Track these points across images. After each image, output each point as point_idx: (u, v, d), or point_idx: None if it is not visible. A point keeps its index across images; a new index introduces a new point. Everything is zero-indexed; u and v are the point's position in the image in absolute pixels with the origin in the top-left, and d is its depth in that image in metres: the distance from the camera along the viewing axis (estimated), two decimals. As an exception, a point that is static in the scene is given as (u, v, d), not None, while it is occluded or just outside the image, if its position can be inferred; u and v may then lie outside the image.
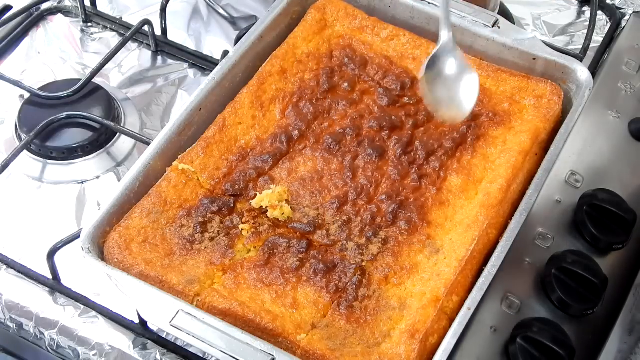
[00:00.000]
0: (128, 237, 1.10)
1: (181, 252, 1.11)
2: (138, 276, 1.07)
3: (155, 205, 1.13)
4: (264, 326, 1.03)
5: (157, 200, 1.14)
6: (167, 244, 1.11)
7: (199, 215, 1.13)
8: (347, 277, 1.09)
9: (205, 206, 1.14)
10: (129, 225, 1.11)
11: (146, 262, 1.08)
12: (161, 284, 1.06)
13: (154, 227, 1.12)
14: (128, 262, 1.08)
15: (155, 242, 1.11)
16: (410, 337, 1.02)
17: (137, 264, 1.08)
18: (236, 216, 1.14)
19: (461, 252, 1.09)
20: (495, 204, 1.13)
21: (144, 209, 1.13)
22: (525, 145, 1.19)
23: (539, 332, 1.11)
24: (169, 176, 1.16)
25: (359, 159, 1.20)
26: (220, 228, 1.13)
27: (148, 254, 1.10)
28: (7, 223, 1.32)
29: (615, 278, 1.20)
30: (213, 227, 1.13)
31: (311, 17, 1.35)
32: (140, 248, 1.10)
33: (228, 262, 1.10)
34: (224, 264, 1.10)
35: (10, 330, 1.22)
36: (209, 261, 1.10)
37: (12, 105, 1.46)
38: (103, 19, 1.61)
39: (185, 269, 1.09)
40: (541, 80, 1.27)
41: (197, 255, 1.11)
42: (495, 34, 1.31)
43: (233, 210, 1.15)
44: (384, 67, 1.31)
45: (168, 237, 1.12)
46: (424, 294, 1.07)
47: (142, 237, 1.11)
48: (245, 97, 1.25)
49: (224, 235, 1.12)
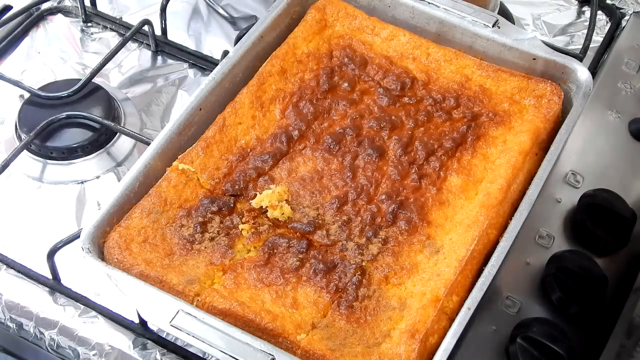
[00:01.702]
0: (128, 237, 1.10)
1: (181, 252, 1.11)
2: (138, 276, 1.07)
3: (155, 205, 1.13)
4: (264, 326, 1.03)
5: (157, 200, 1.14)
6: (167, 244, 1.11)
7: (199, 215, 1.13)
8: (347, 277, 1.09)
9: (205, 206, 1.14)
10: (129, 225, 1.11)
11: (146, 262, 1.08)
12: (161, 284, 1.06)
13: (154, 227, 1.12)
14: (128, 262, 1.08)
15: (155, 242, 1.11)
16: (411, 337, 1.02)
17: (137, 264, 1.08)
18: (236, 216, 1.14)
19: (461, 252, 1.09)
20: (495, 204, 1.13)
21: (144, 209, 1.13)
22: (525, 145, 1.19)
23: (539, 332, 1.11)
24: (169, 176, 1.16)
25: (359, 159, 1.20)
26: (220, 228, 1.13)
27: (148, 254, 1.10)
28: (7, 223, 1.32)
29: (615, 278, 1.20)
30: (213, 227, 1.13)
31: (311, 17, 1.35)
32: (141, 248, 1.10)
33: (228, 262, 1.10)
34: (224, 264, 1.10)
35: (10, 330, 1.22)
36: (209, 261, 1.10)
37: (12, 105, 1.46)
38: (103, 19, 1.61)
39: (185, 269, 1.09)
40: (541, 80, 1.27)
41: (197, 255, 1.11)
42: (495, 34, 1.31)
43: (233, 210, 1.15)
44: (384, 67, 1.31)
45: (168, 237, 1.12)
46: (424, 294, 1.07)
47: (142, 237, 1.11)
48: (245, 97, 1.25)
49: (224, 235, 1.12)
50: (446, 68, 1.31)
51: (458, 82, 1.29)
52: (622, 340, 1.13)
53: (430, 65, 1.32)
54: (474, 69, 1.30)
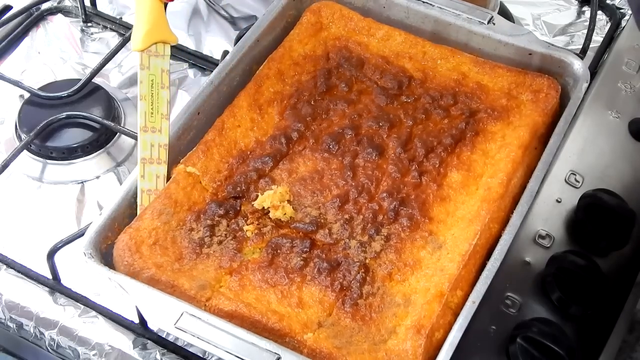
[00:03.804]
0: (138, 239, 1.10)
1: (191, 256, 1.10)
2: (148, 280, 1.06)
3: (166, 206, 1.13)
4: (270, 327, 1.03)
5: (167, 201, 1.13)
6: (177, 247, 1.11)
7: (207, 218, 1.13)
8: (351, 275, 1.09)
9: (213, 210, 1.14)
10: (140, 227, 1.11)
11: (157, 266, 1.08)
12: (172, 289, 1.06)
13: (165, 229, 1.11)
14: (138, 266, 1.08)
15: (165, 245, 1.10)
16: (416, 332, 1.02)
17: (148, 268, 1.07)
18: (241, 218, 1.14)
19: (464, 247, 1.09)
20: (497, 198, 1.13)
21: (155, 210, 1.12)
22: (524, 139, 1.20)
23: (539, 332, 1.11)
24: (177, 178, 1.16)
25: (359, 158, 1.20)
26: (228, 231, 1.13)
27: (158, 257, 1.09)
28: (7, 223, 1.32)
29: (615, 278, 1.20)
30: (220, 231, 1.13)
31: (306, 19, 1.35)
32: (151, 251, 1.09)
33: (236, 265, 1.10)
34: (233, 267, 1.10)
35: (10, 330, 1.22)
36: (218, 265, 1.10)
37: (12, 105, 1.46)
38: (103, 19, 1.61)
39: (196, 273, 1.09)
40: (538, 74, 1.27)
41: (207, 259, 1.10)
42: (490, 30, 1.31)
43: (239, 213, 1.15)
44: (381, 67, 1.31)
45: (178, 240, 1.11)
46: (428, 290, 1.07)
47: (153, 239, 1.10)
48: (243, 100, 1.25)
49: (232, 239, 1.12)
50: (443, 66, 1.31)
51: (455, 80, 1.29)
52: (624, 336, 1.13)
53: (427, 63, 1.32)
54: (470, 66, 1.31)
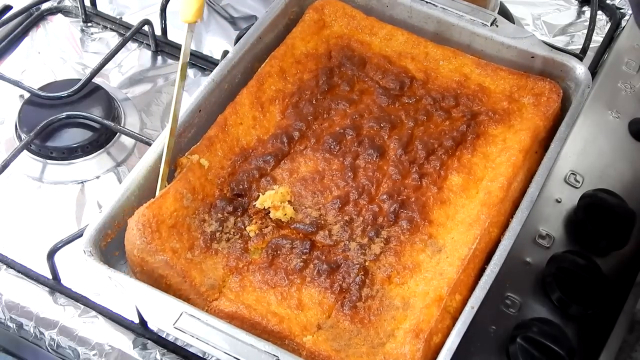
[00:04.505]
0: (160, 218, 1.08)
1: (201, 248, 1.10)
2: (162, 265, 1.05)
3: (187, 191, 1.12)
4: (270, 329, 1.03)
5: (188, 185, 1.12)
6: (190, 235, 1.10)
7: (217, 212, 1.13)
8: (350, 277, 1.09)
9: (222, 206, 1.14)
10: (162, 205, 1.09)
11: (173, 252, 1.07)
12: (183, 279, 1.06)
13: (183, 215, 1.10)
14: (155, 246, 1.06)
15: (181, 231, 1.10)
16: (415, 336, 1.02)
17: (164, 252, 1.06)
18: (247, 217, 1.14)
19: (463, 251, 1.09)
20: (497, 202, 1.13)
21: (178, 191, 1.11)
22: (525, 143, 1.19)
23: (539, 332, 1.11)
24: (192, 167, 1.15)
25: (360, 159, 1.20)
26: (235, 229, 1.13)
27: (175, 242, 1.08)
28: (7, 223, 1.32)
29: (615, 278, 1.20)
30: (228, 227, 1.13)
31: (309, 17, 1.35)
32: (169, 234, 1.08)
33: (242, 264, 1.10)
34: (238, 267, 1.10)
35: (10, 330, 1.22)
36: (225, 263, 1.10)
37: (12, 105, 1.46)
38: (103, 19, 1.61)
39: (205, 267, 1.09)
40: (540, 78, 1.27)
41: (215, 255, 1.10)
42: (493, 32, 1.30)
43: (245, 212, 1.15)
44: (383, 67, 1.31)
45: (192, 229, 1.11)
46: (427, 293, 1.07)
47: (172, 221, 1.09)
48: (245, 97, 1.24)
49: (239, 237, 1.12)
50: (445, 67, 1.31)
51: (457, 81, 1.29)
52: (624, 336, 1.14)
53: (429, 64, 1.32)
54: (472, 68, 1.30)
